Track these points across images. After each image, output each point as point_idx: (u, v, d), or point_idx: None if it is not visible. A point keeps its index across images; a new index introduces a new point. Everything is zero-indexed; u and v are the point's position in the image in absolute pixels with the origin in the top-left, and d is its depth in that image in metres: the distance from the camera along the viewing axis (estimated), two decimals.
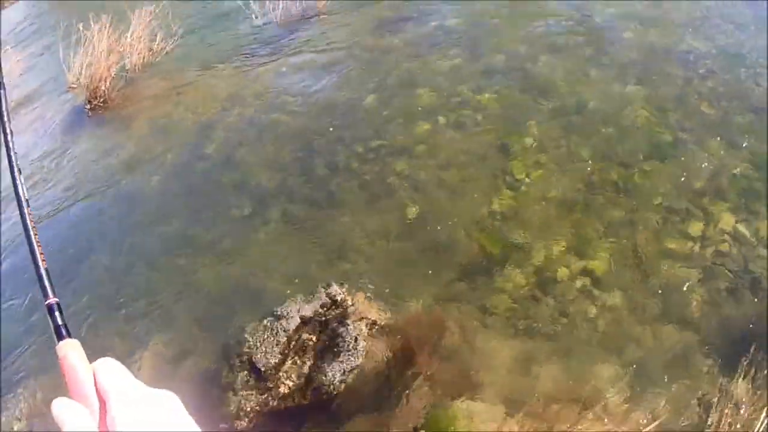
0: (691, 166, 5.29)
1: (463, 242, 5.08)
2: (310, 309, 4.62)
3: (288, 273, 5.21)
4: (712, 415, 3.55)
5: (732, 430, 3.45)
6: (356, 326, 4.40)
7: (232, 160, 6.74)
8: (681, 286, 4.43)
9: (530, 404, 3.84)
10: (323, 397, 4.16)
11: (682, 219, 4.89)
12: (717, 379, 3.81)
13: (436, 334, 4.38)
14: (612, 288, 4.50)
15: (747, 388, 3.64)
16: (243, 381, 4.35)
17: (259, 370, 4.34)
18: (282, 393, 4.25)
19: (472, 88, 6.70)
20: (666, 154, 5.46)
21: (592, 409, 3.73)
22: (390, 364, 4.29)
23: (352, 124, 6.71)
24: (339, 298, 4.65)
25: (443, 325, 4.44)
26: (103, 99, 8.60)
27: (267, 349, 4.43)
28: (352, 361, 4.24)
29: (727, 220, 4.80)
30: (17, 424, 4.63)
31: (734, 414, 3.51)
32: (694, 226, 4.81)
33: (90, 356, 0.71)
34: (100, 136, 8.19)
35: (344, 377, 4.18)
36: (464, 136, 6.11)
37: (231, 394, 4.30)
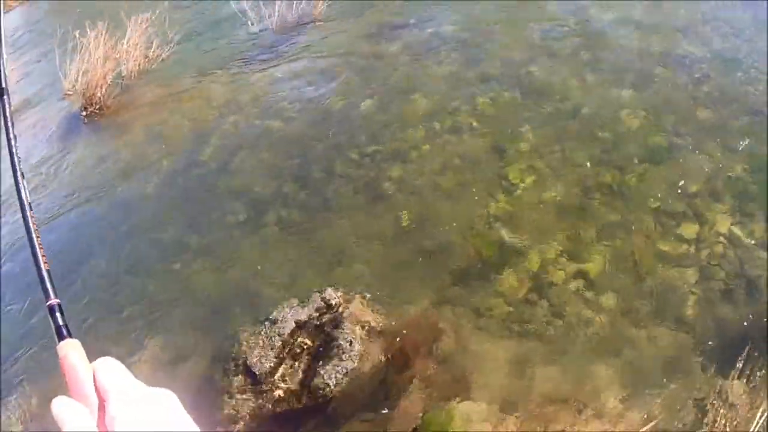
0: (687, 169, 5.31)
1: (459, 246, 5.09)
2: (305, 313, 4.63)
3: (283, 278, 5.22)
4: (708, 416, 3.55)
5: (727, 431, 3.44)
6: (351, 329, 4.40)
7: (228, 167, 6.75)
8: (676, 288, 4.43)
9: (526, 406, 3.84)
10: (319, 400, 4.15)
11: (677, 222, 4.90)
12: (712, 379, 3.80)
13: (432, 336, 4.38)
14: (607, 290, 4.50)
15: (742, 388, 3.64)
16: (239, 385, 4.34)
17: (255, 374, 4.34)
18: (277, 396, 4.24)
19: (468, 94, 6.73)
20: (661, 158, 5.48)
21: (588, 410, 3.73)
22: (386, 367, 4.28)
23: (347, 130, 6.73)
24: (334, 302, 4.66)
25: (439, 327, 4.44)
26: (99, 106, 8.61)
27: (262, 353, 4.43)
28: (347, 364, 4.23)
29: (722, 222, 4.81)
30: (17, 425, 4.61)
31: (730, 414, 3.50)
32: (690, 229, 4.82)
33: (88, 358, 0.71)
34: (96, 143, 8.21)
35: (340, 380, 4.17)
36: (460, 141, 6.13)
37: (227, 398, 4.30)
